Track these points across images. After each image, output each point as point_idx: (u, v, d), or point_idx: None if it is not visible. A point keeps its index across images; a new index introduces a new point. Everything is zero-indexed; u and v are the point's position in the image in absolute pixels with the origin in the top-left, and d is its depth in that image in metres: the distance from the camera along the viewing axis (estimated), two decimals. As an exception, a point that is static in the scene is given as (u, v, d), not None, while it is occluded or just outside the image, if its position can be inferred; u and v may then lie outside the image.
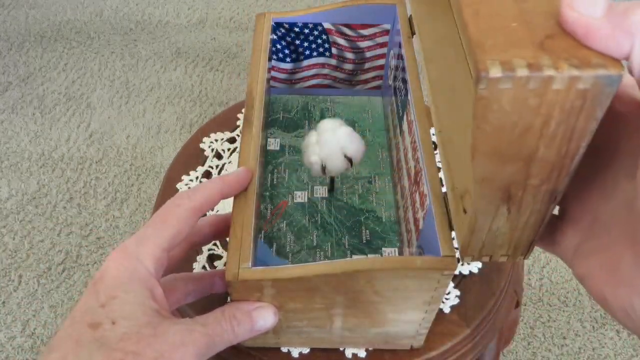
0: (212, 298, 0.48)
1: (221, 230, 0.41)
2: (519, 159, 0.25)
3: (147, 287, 0.32)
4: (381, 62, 0.59)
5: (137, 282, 0.32)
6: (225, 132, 0.62)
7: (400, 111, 0.50)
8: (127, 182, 1.19)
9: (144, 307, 0.31)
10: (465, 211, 0.37)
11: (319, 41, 0.56)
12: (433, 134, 0.55)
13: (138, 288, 0.32)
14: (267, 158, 0.56)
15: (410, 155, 0.46)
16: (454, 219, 0.36)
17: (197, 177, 0.58)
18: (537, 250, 1.04)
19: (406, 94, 0.47)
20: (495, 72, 0.21)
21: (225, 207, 0.55)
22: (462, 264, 0.52)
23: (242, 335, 0.35)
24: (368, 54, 0.58)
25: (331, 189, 0.53)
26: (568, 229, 0.29)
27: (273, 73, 0.59)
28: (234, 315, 0.35)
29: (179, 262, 0.40)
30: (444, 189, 0.39)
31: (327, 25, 0.55)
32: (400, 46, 0.51)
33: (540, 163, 0.25)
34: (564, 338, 0.97)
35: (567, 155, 0.24)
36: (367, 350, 0.45)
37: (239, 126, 0.63)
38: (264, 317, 0.37)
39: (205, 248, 0.51)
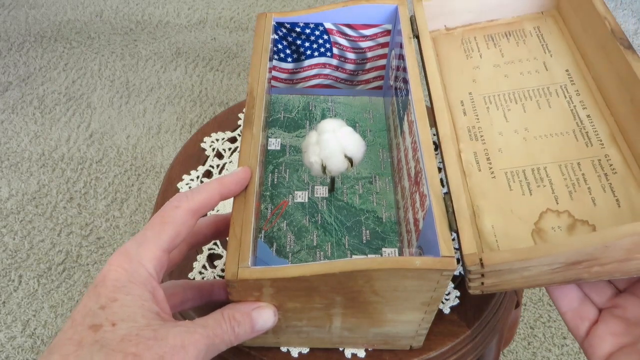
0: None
1: (221, 231, 0.41)
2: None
3: (147, 289, 0.32)
4: (382, 62, 0.59)
5: (138, 284, 0.32)
6: (226, 132, 0.62)
7: (401, 111, 0.50)
8: (127, 182, 1.19)
9: (144, 310, 0.31)
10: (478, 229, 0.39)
11: (320, 41, 0.56)
12: (433, 134, 0.55)
13: (138, 290, 0.32)
14: (268, 158, 0.56)
15: (410, 155, 0.46)
16: (466, 231, 0.37)
17: (197, 177, 0.58)
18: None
19: (407, 94, 0.47)
20: None
21: (226, 206, 0.55)
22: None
23: (242, 336, 0.35)
24: (369, 54, 0.58)
25: (332, 189, 0.53)
26: (606, 335, 0.37)
27: (274, 73, 0.59)
28: (234, 317, 0.35)
29: (178, 263, 0.40)
30: (444, 190, 0.39)
31: (328, 25, 0.55)
32: (401, 46, 0.51)
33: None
34: (564, 338, 0.97)
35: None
36: (366, 350, 0.45)
37: (239, 126, 0.63)
38: (264, 317, 0.37)
39: (205, 247, 0.51)
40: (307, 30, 0.56)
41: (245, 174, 0.39)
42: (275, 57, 0.58)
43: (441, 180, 0.40)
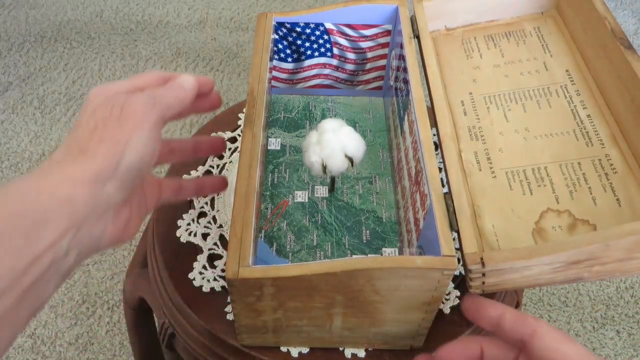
0: (211, 297, 0.48)
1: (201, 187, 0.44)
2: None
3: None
4: (382, 62, 0.59)
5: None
6: (226, 132, 0.62)
7: (402, 111, 0.50)
8: (127, 182, 1.19)
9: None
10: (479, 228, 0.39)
11: (321, 41, 0.57)
12: (434, 134, 0.55)
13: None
14: (268, 158, 0.56)
15: (410, 155, 0.46)
16: (466, 230, 0.37)
17: (197, 177, 0.58)
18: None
19: (407, 95, 0.47)
20: None
21: (227, 210, 0.55)
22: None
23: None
24: (369, 55, 0.58)
25: (332, 189, 0.53)
26: None
27: (274, 73, 0.59)
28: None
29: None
30: (444, 190, 0.39)
31: (328, 25, 0.55)
32: (401, 47, 0.51)
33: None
34: (564, 339, 0.97)
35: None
36: (366, 350, 0.45)
37: (240, 126, 0.63)
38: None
39: (205, 248, 0.51)
40: (308, 30, 0.56)
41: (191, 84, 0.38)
42: (276, 57, 0.58)
43: (441, 180, 0.40)
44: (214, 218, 0.54)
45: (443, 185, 0.40)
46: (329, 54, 0.58)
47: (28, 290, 0.26)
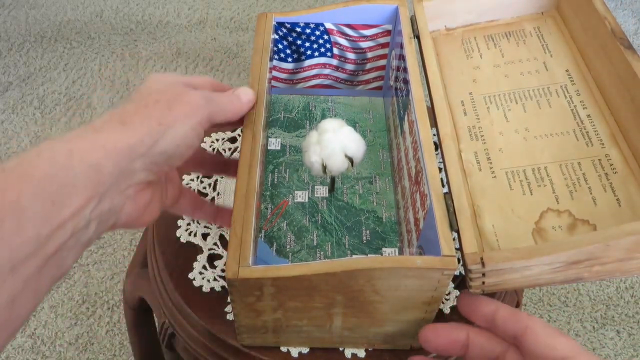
0: (211, 297, 0.48)
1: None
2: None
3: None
4: (382, 62, 0.59)
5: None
6: (226, 132, 0.62)
7: (402, 111, 0.50)
8: (127, 182, 1.19)
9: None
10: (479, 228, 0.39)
11: (321, 41, 0.57)
12: (434, 135, 0.55)
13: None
14: (268, 158, 0.56)
15: (411, 155, 0.46)
16: (466, 230, 0.37)
17: (198, 177, 0.58)
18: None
19: (407, 95, 0.47)
20: None
21: (226, 203, 0.55)
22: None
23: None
24: (369, 55, 0.58)
25: (332, 189, 0.53)
26: None
27: (274, 73, 0.59)
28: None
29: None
30: (444, 190, 0.39)
31: (328, 25, 0.55)
32: (401, 47, 0.51)
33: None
34: (564, 339, 0.97)
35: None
36: (366, 350, 0.45)
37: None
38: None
39: (205, 248, 0.51)
40: (308, 30, 0.56)
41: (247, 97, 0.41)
42: (276, 57, 0.58)
43: (441, 180, 0.40)
44: (214, 218, 0.54)
45: (443, 185, 0.40)
46: (329, 54, 0.58)
47: (51, 258, 0.26)
